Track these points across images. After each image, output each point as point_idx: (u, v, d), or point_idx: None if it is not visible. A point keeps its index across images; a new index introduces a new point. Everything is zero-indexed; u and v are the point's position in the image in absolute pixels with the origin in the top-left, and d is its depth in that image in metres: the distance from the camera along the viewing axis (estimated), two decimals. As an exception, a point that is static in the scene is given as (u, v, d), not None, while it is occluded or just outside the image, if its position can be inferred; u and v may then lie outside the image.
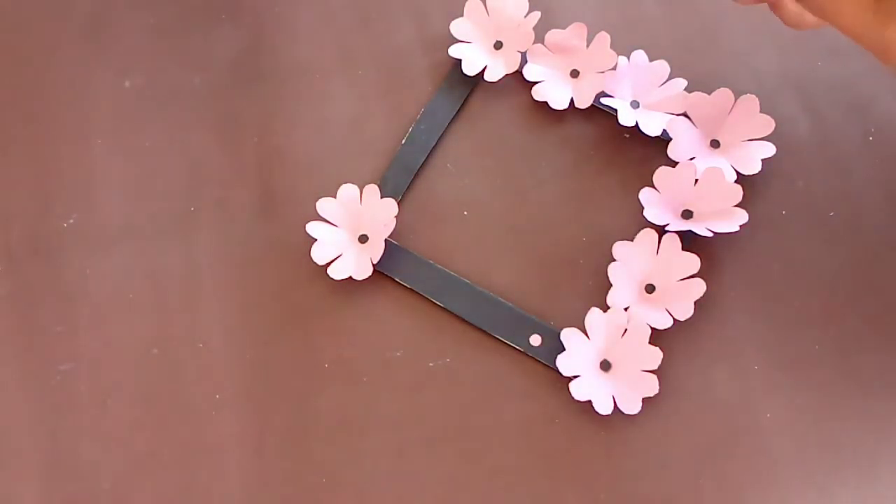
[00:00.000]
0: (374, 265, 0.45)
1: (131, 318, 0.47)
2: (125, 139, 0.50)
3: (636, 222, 0.46)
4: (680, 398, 0.44)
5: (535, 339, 0.44)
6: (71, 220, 0.49)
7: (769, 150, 0.47)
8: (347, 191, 0.47)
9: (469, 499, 0.43)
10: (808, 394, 0.44)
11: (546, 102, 0.49)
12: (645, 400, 0.42)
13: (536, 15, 0.49)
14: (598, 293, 0.45)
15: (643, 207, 0.45)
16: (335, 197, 0.47)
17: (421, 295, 0.46)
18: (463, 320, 0.45)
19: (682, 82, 0.48)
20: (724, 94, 0.47)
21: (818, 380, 0.44)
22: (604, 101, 0.49)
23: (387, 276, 0.46)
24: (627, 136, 0.49)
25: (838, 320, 0.45)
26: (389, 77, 0.51)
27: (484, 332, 0.45)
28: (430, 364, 0.45)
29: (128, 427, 0.45)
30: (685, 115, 0.48)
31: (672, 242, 0.45)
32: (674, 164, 0.47)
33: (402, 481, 0.43)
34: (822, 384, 0.44)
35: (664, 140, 0.48)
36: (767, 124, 0.47)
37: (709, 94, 0.48)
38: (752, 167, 0.46)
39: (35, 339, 0.47)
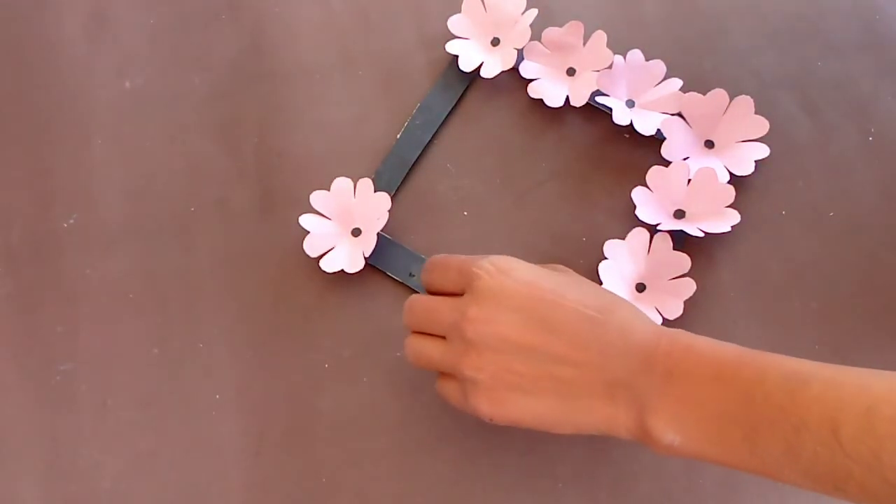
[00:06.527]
0: (366, 259, 0.45)
1: (131, 318, 0.47)
2: (125, 139, 0.51)
3: (630, 221, 0.46)
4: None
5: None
6: (71, 220, 0.49)
7: (763, 151, 0.46)
8: (341, 184, 0.47)
9: (469, 499, 0.43)
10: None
11: (541, 100, 0.49)
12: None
13: (533, 12, 0.49)
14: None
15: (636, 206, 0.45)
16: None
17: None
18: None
19: (677, 82, 0.48)
20: (718, 95, 0.47)
21: (818, 380, 0.44)
22: (599, 99, 0.48)
23: (381, 271, 0.46)
24: (627, 136, 0.49)
25: (838, 320, 0.45)
26: (388, 76, 0.51)
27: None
28: (430, 364, 0.45)
29: (128, 427, 0.45)
30: (680, 114, 0.48)
31: (663, 242, 0.45)
32: (667, 163, 0.46)
33: (402, 481, 0.43)
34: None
35: (658, 139, 0.47)
36: (762, 126, 0.47)
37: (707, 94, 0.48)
38: (746, 168, 0.46)
39: (35, 339, 0.47)
